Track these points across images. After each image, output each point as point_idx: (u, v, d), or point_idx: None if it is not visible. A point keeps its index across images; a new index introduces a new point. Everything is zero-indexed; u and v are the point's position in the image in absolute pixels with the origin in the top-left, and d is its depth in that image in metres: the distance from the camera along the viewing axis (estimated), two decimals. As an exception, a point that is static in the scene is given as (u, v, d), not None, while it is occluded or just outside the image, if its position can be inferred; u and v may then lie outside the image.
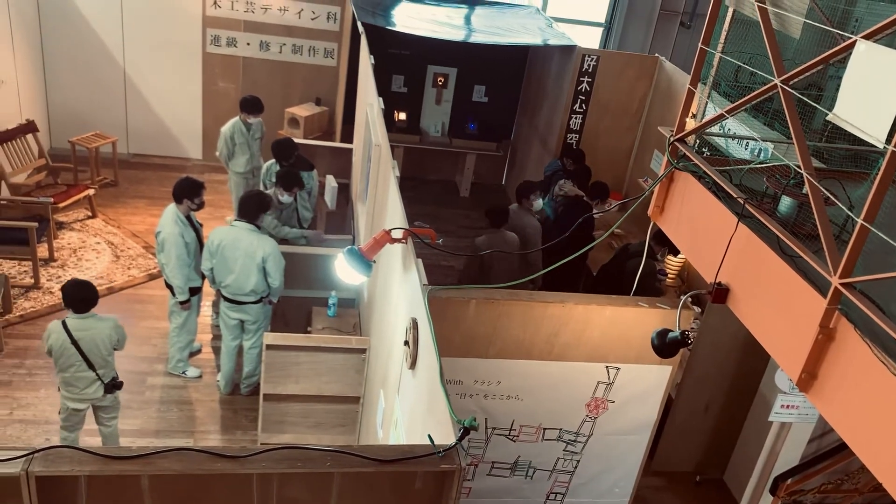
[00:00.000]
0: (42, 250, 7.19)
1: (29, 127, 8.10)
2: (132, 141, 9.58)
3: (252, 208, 5.61)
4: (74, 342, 4.62)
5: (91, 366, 4.72)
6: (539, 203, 6.55)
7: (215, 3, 9.09)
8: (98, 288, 6.91)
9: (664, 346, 3.28)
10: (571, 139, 8.37)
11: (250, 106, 7.40)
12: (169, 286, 5.89)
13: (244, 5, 9.16)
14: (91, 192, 8.12)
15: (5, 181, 7.72)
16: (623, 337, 3.89)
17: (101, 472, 2.24)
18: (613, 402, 4.12)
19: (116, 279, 7.22)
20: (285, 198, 6.25)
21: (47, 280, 7.03)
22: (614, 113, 8.29)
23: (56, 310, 6.68)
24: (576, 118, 8.29)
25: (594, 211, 6.41)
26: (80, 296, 4.67)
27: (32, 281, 6.93)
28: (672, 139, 3.65)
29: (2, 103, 7.89)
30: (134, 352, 6.38)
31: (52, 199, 7.46)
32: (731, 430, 5.78)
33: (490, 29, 8.75)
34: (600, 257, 6.73)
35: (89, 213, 8.19)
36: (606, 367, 3.98)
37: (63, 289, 4.70)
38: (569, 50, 8.23)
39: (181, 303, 5.84)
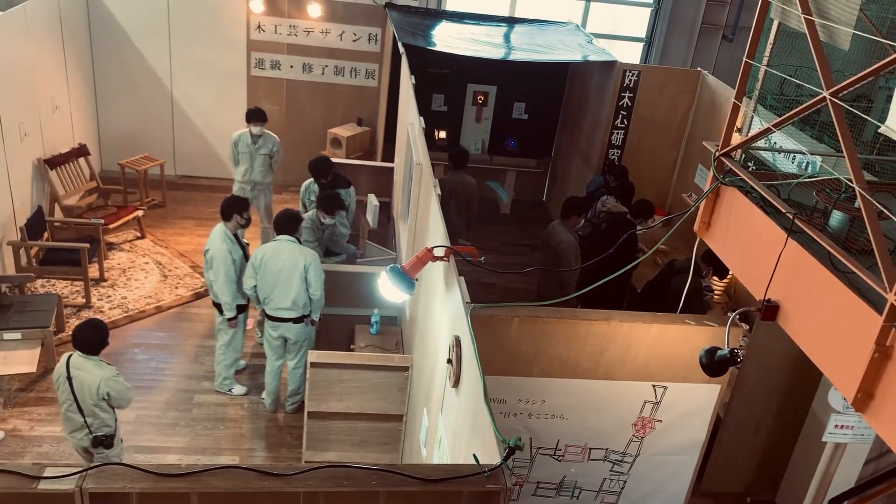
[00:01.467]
0: (93, 270, 7.38)
1: (81, 151, 8.36)
2: (179, 163, 9.81)
3: (288, 224, 5.72)
4: (69, 378, 4.49)
5: (80, 409, 4.51)
6: (580, 222, 6.50)
7: (259, 27, 9.29)
8: (146, 307, 7.12)
9: (713, 364, 3.21)
10: (613, 155, 8.32)
11: (251, 115, 7.57)
12: (216, 304, 5.99)
13: (287, 29, 9.34)
14: (140, 213, 8.33)
15: (59, 203, 7.96)
16: (670, 355, 3.83)
17: (152, 490, 2.27)
18: (661, 421, 4.05)
19: (164, 298, 7.37)
20: (328, 220, 6.33)
21: (98, 299, 7.21)
22: (657, 128, 8.22)
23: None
24: (617, 134, 8.24)
25: (638, 228, 6.32)
26: (83, 337, 4.49)
27: (84, 300, 7.11)
28: (717, 154, 3.59)
29: (56, 128, 8.15)
30: (181, 370, 6.50)
31: (102, 221, 7.67)
32: (783, 451, 5.63)
33: (530, 46, 8.78)
34: (645, 274, 6.65)
35: (138, 234, 8.39)
36: (653, 385, 3.91)
37: (75, 329, 4.55)
38: (609, 65, 8.19)
39: (229, 320, 5.93)
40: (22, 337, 5.96)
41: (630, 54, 12.06)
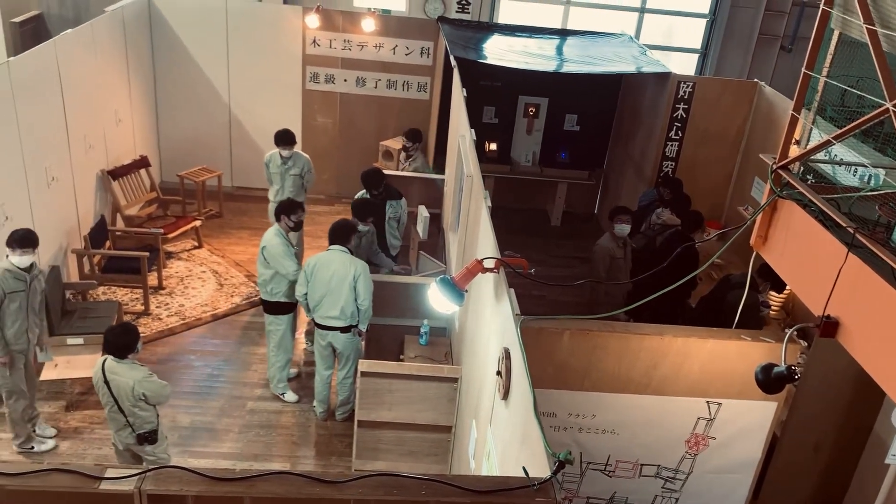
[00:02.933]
0: (152, 279, 7.60)
1: (142, 162, 8.63)
2: (236, 174, 10.03)
3: (342, 233, 5.82)
4: (106, 382, 4.63)
5: (121, 410, 4.68)
6: (623, 229, 6.40)
7: (315, 41, 9.47)
8: (202, 315, 7.28)
9: (769, 381, 3.14)
10: (667, 167, 8.21)
11: (279, 139, 7.65)
12: (265, 305, 6.12)
13: (342, 43, 9.50)
14: (198, 223, 8.55)
15: (121, 213, 8.22)
16: (725, 371, 3.75)
17: (207, 493, 2.33)
18: (715, 438, 3.96)
19: (220, 306, 7.54)
20: (362, 227, 6.42)
21: (156, 307, 7.41)
22: (712, 140, 8.09)
23: (165, 335, 7.03)
24: (671, 146, 8.14)
25: (696, 241, 6.22)
26: (113, 339, 4.64)
27: (143, 308, 7.32)
28: (775, 166, 3.52)
29: (119, 140, 8.44)
30: (235, 377, 6.63)
31: (162, 230, 7.89)
32: (843, 472, 5.44)
33: (582, 58, 8.75)
34: (699, 288, 6.52)
35: (196, 244, 8.61)
36: (707, 402, 3.84)
37: (106, 330, 4.81)
38: (664, 77, 8.11)
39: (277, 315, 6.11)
40: (84, 342, 6.17)
41: (685, 65, 11.92)
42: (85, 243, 7.30)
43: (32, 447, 5.67)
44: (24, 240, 5.13)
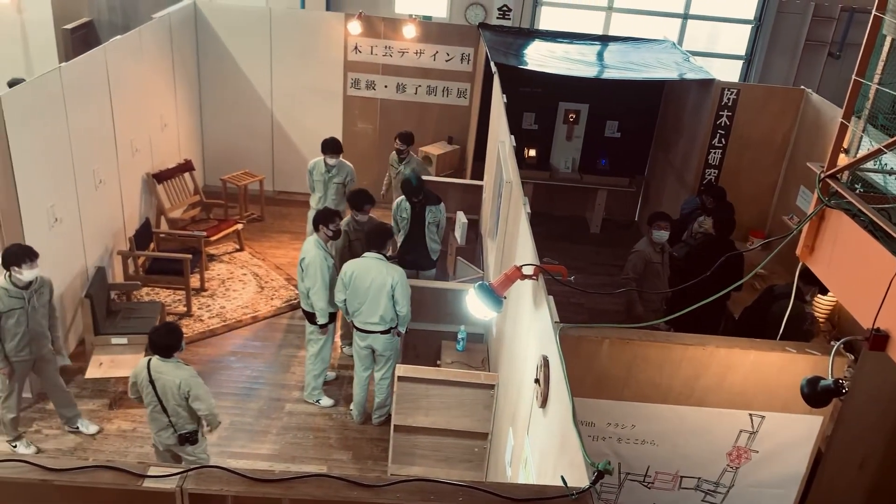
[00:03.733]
0: (194, 280, 7.73)
1: (186, 166, 8.79)
2: (277, 179, 10.16)
3: (378, 239, 5.83)
4: (152, 382, 4.70)
5: (164, 410, 4.75)
6: (661, 235, 6.31)
7: (356, 48, 9.55)
8: (243, 317, 7.37)
9: (815, 394, 3.06)
10: (710, 175, 8.09)
11: (326, 147, 7.73)
12: (307, 313, 6.16)
13: (383, 50, 9.57)
14: (239, 226, 8.68)
15: (165, 216, 8.39)
16: (768, 383, 3.67)
17: (247, 493, 2.35)
18: (757, 451, 3.88)
19: (260, 309, 7.63)
20: (360, 217, 6.50)
21: (198, 308, 7.53)
22: (756, 148, 7.95)
23: (206, 336, 7.14)
24: (714, 153, 8.02)
25: (739, 250, 6.11)
26: (158, 340, 4.71)
27: (185, 309, 7.45)
28: (823, 175, 3.44)
29: (164, 145, 8.61)
30: (274, 379, 6.70)
31: (205, 233, 8.03)
32: (890, 490, 5.28)
33: (624, 64, 8.68)
34: (742, 299, 6.41)
35: (237, 247, 8.73)
36: (750, 414, 3.76)
37: (151, 330, 4.93)
38: (707, 84, 8.00)
39: (321, 327, 6.08)
40: (128, 342, 6.30)
41: (728, 72, 11.75)
42: (130, 245, 7.46)
43: (78, 427, 5.86)
44: (30, 253, 5.10)
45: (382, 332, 5.84)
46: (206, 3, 9.58)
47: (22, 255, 5.08)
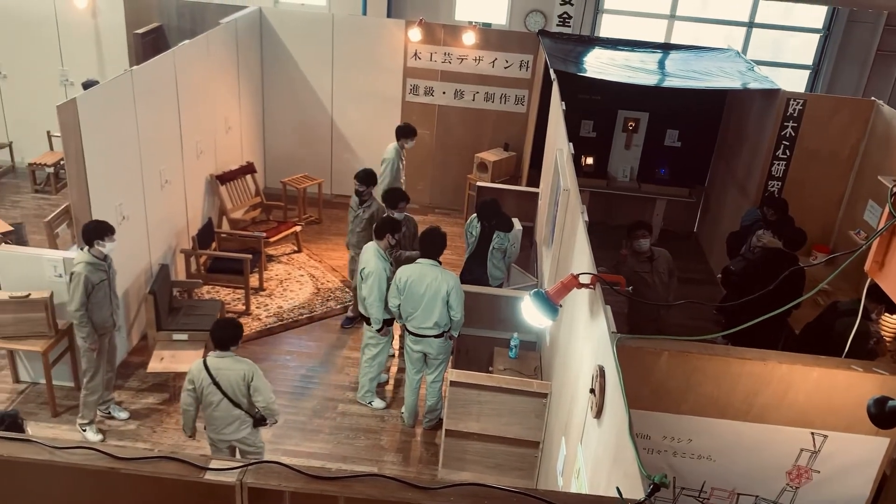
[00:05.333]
0: (253, 280, 7.89)
1: (248, 168, 8.99)
2: (335, 182, 10.31)
3: (433, 247, 5.85)
4: (214, 380, 4.78)
5: (236, 403, 4.83)
6: (641, 244, 6.32)
7: (416, 54, 9.64)
8: (299, 317, 7.49)
9: (883, 415, 2.95)
10: (773, 187, 7.90)
11: (407, 132, 7.99)
12: (364, 317, 6.23)
13: (442, 56, 9.63)
14: (298, 228, 8.83)
15: (227, 216, 8.59)
16: (832, 402, 3.57)
17: (304, 490, 2.39)
18: (819, 472, 3.77)
19: (316, 310, 7.75)
20: (396, 214, 6.58)
21: (256, 307, 7.69)
22: (822, 160, 7.73)
23: (263, 335, 7.29)
24: (778, 165, 7.83)
25: (802, 264, 5.96)
26: (220, 334, 4.84)
27: (244, 308, 7.61)
28: (895, 189, 3.33)
29: (227, 147, 8.83)
30: (328, 379, 6.80)
31: (264, 234, 8.20)
32: (960, 520, 5.06)
33: (686, 73, 8.55)
34: (803, 315, 6.24)
35: (295, 248, 8.89)
36: (812, 433, 3.66)
37: (212, 326, 5.02)
38: (772, 94, 7.82)
39: (378, 330, 6.14)
40: (188, 338, 6.46)
41: (794, 82, 11.47)
42: (192, 244, 7.66)
43: (110, 412, 6.06)
44: (110, 226, 5.48)
45: (435, 337, 5.87)
46: (270, 9, 9.81)
47: (104, 229, 5.46)
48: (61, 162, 9.52)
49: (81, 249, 5.57)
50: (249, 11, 9.28)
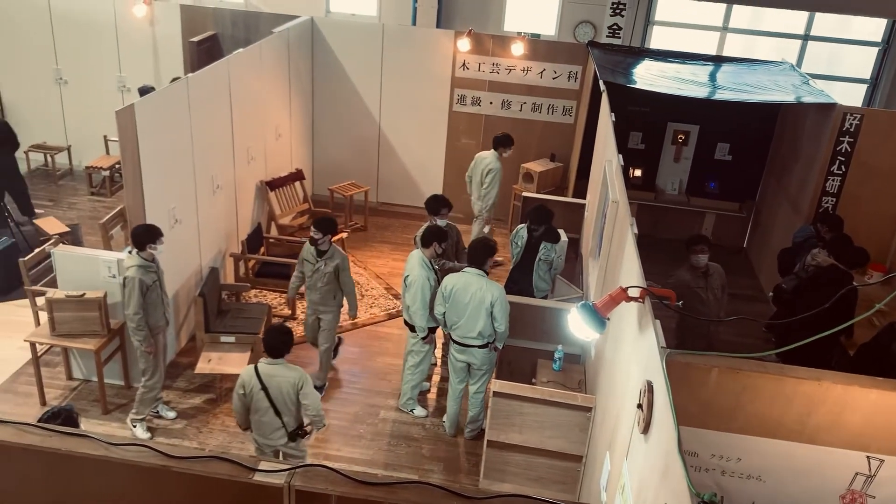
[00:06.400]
0: (299, 285, 7.98)
1: (297, 175, 9.12)
2: (381, 190, 10.40)
3: (479, 254, 5.83)
4: (264, 387, 4.78)
5: (277, 412, 4.85)
6: (699, 259, 6.21)
7: (464, 64, 9.68)
8: (343, 323, 7.54)
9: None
10: (827, 203, 7.72)
11: (506, 141, 8.14)
12: (409, 325, 6.25)
13: (490, 66, 9.65)
14: (344, 235, 8.91)
15: (275, 222, 8.72)
16: (890, 425, 3.45)
17: (350, 494, 2.40)
18: (874, 497, 3.65)
19: (360, 316, 7.80)
20: (439, 221, 6.64)
21: (301, 312, 7.76)
22: (881, 176, 7.53)
23: (304, 341, 7.35)
24: (833, 181, 7.64)
25: (857, 283, 5.81)
26: (274, 341, 4.82)
27: (290, 312, 7.70)
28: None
29: (277, 154, 8.98)
30: (370, 385, 6.83)
31: (311, 240, 8.28)
32: None
33: (738, 86, 8.42)
34: (858, 335, 6.07)
35: (340, 255, 8.97)
36: (867, 457, 3.54)
37: (265, 332, 5.02)
38: (827, 108, 7.65)
39: (422, 338, 6.15)
40: (235, 341, 6.56)
41: (850, 96, 11.20)
42: (242, 248, 7.79)
43: (158, 411, 6.19)
44: (158, 231, 5.65)
45: (480, 347, 5.86)
46: (322, 19, 9.96)
47: (154, 232, 5.65)
48: (117, 166, 9.79)
49: (130, 253, 5.71)
50: (301, 21, 9.43)
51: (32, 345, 6.16)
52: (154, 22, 9.95)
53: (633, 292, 3.75)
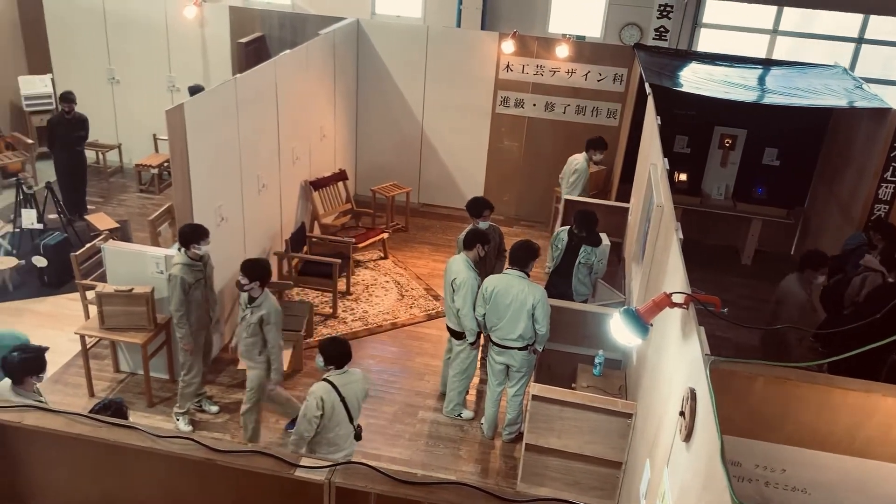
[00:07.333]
0: (341, 284, 8.06)
1: (340, 175, 9.21)
2: (422, 191, 10.43)
3: (522, 256, 5.80)
4: (342, 399, 4.69)
5: (351, 418, 4.79)
6: (821, 281, 5.93)
7: (508, 66, 9.66)
8: (383, 322, 7.61)
9: None
10: (879, 210, 7.51)
11: (598, 144, 8.13)
12: (452, 331, 6.23)
13: (534, 69, 9.62)
14: (385, 235, 8.98)
15: (318, 221, 8.81)
16: (943, 441, 3.35)
17: (389, 493, 2.42)
18: (925, 515, 3.54)
19: (400, 316, 7.85)
20: (481, 223, 6.59)
21: (343, 311, 7.85)
22: (936, 183, 7.30)
23: (348, 339, 7.38)
24: (886, 187, 7.44)
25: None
26: (340, 351, 4.73)
27: (331, 311, 7.78)
28: None
29: (321, 154, 9.07)
30: (408, 385, 6.86)
31: (353, 240, 8.37)
32: None
33: (788, 90, 8.24)
34: (909, 345, 5.88)
35: (382, 255, 9.03)
36: (919, 472, 3.44)
37: (325, 347, 4.73)
38: (881, 113, 7.45)
39: (471, 343, 6.14)
40: (278, 338, 6.63)
41: (906, 100, 10.86)
42: (286, 247, 7.90)
43: (201, 405, 6.30)
44: (205, 230, 5.75)
45: (519, 349, 5.84)
46: (368, 21, 10.04)
47: (201, 232, 5.74)
48: (165, 164, 10.01)
49: (179, 251, 5.83)
50: (347, 23, 9.52)
51: (82, 337, 6.33)
52: (204, 23, 10.14)
53: (678, 298, 3.70)
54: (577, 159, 8.44)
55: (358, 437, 4.97)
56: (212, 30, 10.17)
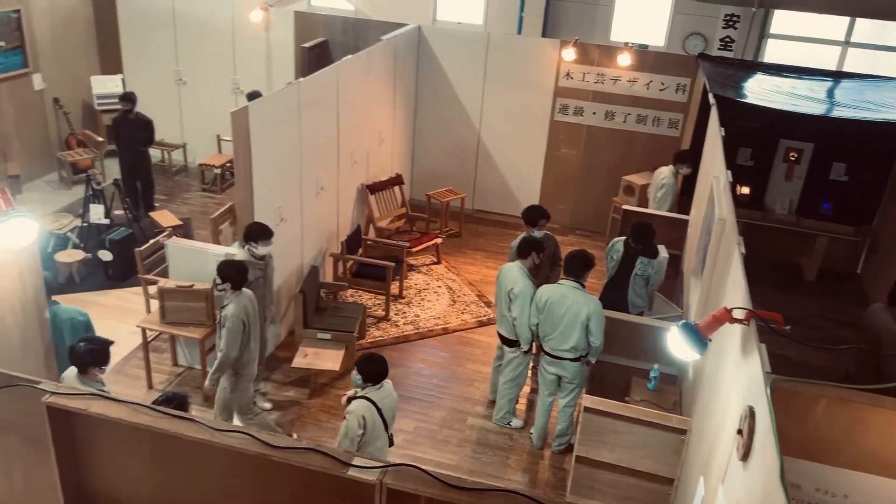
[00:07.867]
0: (394, 287, 8.11)
1: (397, 180, 9.27)
2: (477, 197, 10.43)
3: (577, 266, 5.74)
4: (380, 413, 4.66)
5: (387, 430, 4.75)
6: None
7: (568, 74, 9.60)
8: (434, 327, 7.64)
9: None
10: (954, 230, 7.20)
11: (686, 157, 8.06)
12: (504, 339, 6.20)
13: (595, 77, 9.54)
14: (439, 240, 9.00)
15: (373, 224, 8.90)
16: None
17: (439, 497, 2.42)
18: None
19: (451, 321, 7.85)
20: (536, 232, 6.53)
21: (395, 314, 7.90)
22: None
23: (399, 342, 7.47)
24: (962, 206, 7.13)
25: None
26: (379, 370, 4.68)
27: (384, 313, 7.84)
28: None
29: (379, 158, 9.16)
30: (458, 391, 6.85)
31: (407, 244, 8.41)
32: None
33: (858, 103, 7.98)
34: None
35: (435, 259, 9.06)
36: None
37: (363, 365, 4.68)
38: (959, 128, 7.15)
39: (525, 352, 6.11)
40: (331, 338, 6.73)
41: None
42: (341, 248, 7.99)
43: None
44: (268, 231, 5.90)
45: (572, 360, 5.78)
46: (429, 27, 10.10)
47: (261, 232, 5.91)
48: (227, 164, 10.24)
49: (242, 247, 5.96)
50: (409, 29, 9.60)
51: (143, 330, 6.51)
52: (269, 27, 10.36)
53: (738, 314, 3.62)
54: (664, 173, 8.24)
55: (391, 442, 4.91)
56: (276, 34, 10.38)
